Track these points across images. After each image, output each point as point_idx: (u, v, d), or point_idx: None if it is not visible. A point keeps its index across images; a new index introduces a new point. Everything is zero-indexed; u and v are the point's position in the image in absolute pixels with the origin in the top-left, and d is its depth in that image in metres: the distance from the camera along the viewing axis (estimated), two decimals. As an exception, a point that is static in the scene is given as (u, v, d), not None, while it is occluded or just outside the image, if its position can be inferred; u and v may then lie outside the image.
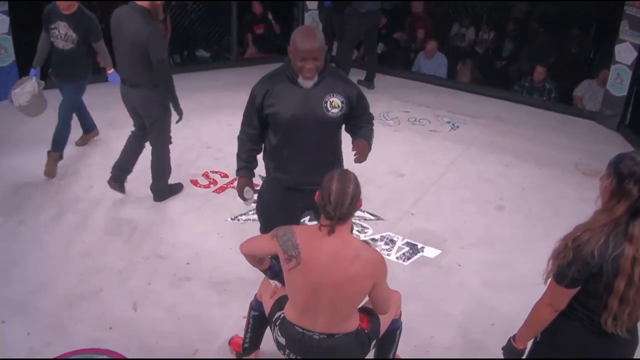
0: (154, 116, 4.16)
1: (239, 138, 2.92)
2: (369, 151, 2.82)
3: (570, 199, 4.89)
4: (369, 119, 2.98)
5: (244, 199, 2.95)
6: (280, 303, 2.50)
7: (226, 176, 4.83)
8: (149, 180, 4.42)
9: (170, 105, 4.12)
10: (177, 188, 4.58)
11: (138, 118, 4.30)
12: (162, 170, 4.40)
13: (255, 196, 2.96)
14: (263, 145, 2.91)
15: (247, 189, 2.93)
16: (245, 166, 2.93)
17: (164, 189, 4.46)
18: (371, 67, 7.22)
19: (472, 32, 8.51)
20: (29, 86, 4.49)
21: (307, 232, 2.28)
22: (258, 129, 2.83)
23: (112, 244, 3.97)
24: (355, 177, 2.26)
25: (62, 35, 4.46)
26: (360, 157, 2.84)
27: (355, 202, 2.22)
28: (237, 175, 2.97)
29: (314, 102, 2.71)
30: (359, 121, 2.91)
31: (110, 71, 4.72)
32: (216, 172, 4.92)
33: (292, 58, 2.66)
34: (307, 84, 2.69)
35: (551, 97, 7.22)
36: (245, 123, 2.87)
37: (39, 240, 3.95)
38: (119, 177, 4.38)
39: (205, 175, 4.87)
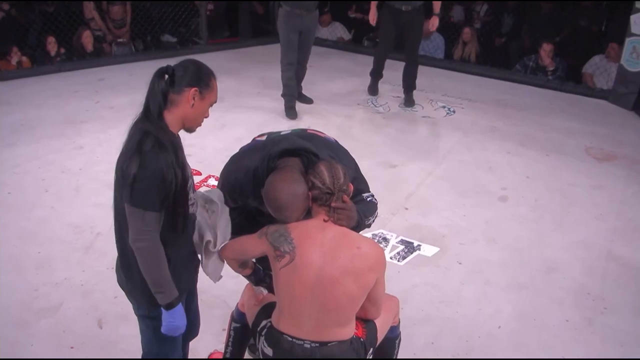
0: None
1: None
2: (356, 219, 2.40)
3: (581, 188, 4.94)
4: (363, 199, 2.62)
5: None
6: (267, 310, 2.50)
7: (199, 173, 4.83)
8: (110, 181, 4.40)
9: None
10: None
11: None
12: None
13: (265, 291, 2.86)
14: None
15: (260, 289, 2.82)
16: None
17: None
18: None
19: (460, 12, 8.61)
20: None
21: (302, 227, 2.30)
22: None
23: (71, 254, 3.94)
24: None
25: None
26: (344, 220, 2.38)
27: (347, 177, 2.33)
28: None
29: None
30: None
31: None
32: (187, 170, 4.89)
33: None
34: None
35: (557, 76, 7.26)
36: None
37: (-13, 252, 3.92)
38: None
39: (175, 173, 4.83)
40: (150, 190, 2.08)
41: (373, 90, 6.86)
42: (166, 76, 2.17)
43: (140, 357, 2.51)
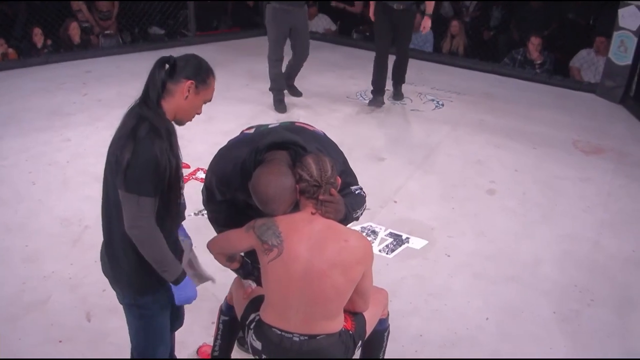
0: None
1: None
2: (343, 212, 2.39)
3: (569, 180, 4.98)
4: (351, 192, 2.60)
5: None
6: (255, 304, 2.50)
7: (187, 166, 4.81)
8: (99, 173, 4.38)
9: None
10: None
11: None
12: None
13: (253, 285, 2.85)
14: None
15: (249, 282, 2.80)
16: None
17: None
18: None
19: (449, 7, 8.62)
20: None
21: (290, 220, 2.30)
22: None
23: (59, 247, 3.93)
24: None
25: None
26: (332, 212, 2.37)
27: (335, 170, 2.33)
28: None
29: None
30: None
31: None
32: (175, 163, 4.88)
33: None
34: None
35: (545, 69, 7.30)
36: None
37: (-26, 246, 3.90)
38: None
39: (163, 166, 4.82)
40: (145, 176, 2.09)
41: (377, 102, 6.38)
42: (167, 66, 2.19)
43: (129, 349, 2.51)
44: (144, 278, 2.28)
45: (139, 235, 2.16)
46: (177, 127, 2.28)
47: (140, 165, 2.08)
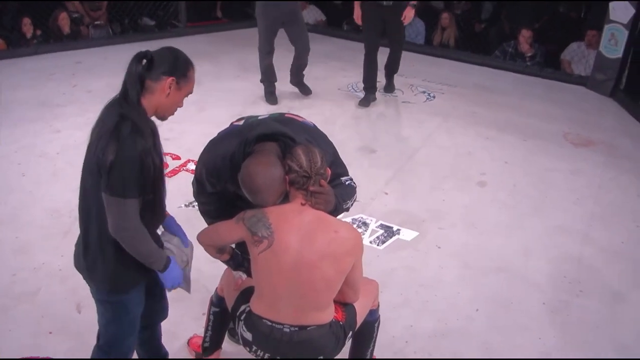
0: None
1: None
2: (333, 203, 2.38)
3: (559, 172, 5.01)
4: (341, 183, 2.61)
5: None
6: (246, 295, 2.51)
7: (178, 158, 4.81)
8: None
9: None
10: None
11: None
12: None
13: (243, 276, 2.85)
14: None
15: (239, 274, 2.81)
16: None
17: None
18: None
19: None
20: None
21: (280, 211, 2.30)
22: None
23: (49, 238, 3.92)
24: None
25: None
26: (322, 204, 2.36)
27: (324, 161, 2.33)
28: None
29: None
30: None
31: None
32: (166, 154, 4.79)
33: None
34: None
35: (536, 62, 7.32)
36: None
37: (-37, 238, 3.88)
38: None
39: (154, 158, 4.81)
40: (129, 178, 2.06)
41: (366, 102, 6.29)
42: (144, 61, 2.14)
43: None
44: (120, 278, 2.28)
45: (126, 238, 2.15)
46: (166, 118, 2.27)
47: (125, 167, 2.04)
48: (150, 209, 2.21)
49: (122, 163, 2.04)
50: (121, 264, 2.23)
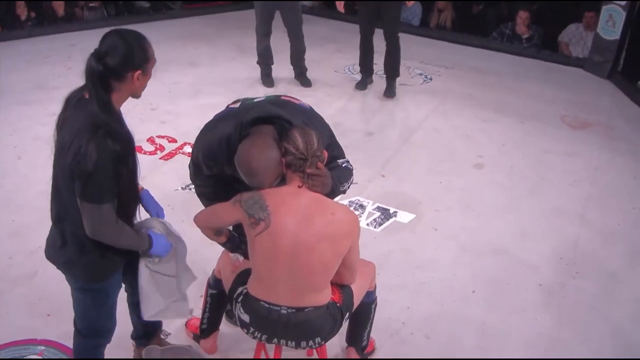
0: None
1: None
2: (330, 185, 2.37)
3: (556, 154, 5.01)
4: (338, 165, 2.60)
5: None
6: (243, 277, 2.51)
7: (174, 141, 4.79)
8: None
9: None
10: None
11: None
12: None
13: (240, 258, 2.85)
14: None
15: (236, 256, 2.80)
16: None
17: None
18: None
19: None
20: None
21: (277, 193, 2.29)
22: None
23: (45, 222, 3.88)
24: None
25: None
26: (319, 186, 2.35)
27: (321, 143, 2.32)
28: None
29: None
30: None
31: None
32: (163, 137, 4.87)
33: None
34: None
35: (533, 44, 7.30)
36: None
37: (-40, 221, 3.88)
38: None
39: (151, 140, 4.81)
40: (105, 184, 2.05)
41: (362, 85, 6.23)
42: (102, 63, 2.11)
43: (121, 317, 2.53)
44: (101, 267, 2.28)
45: (105, 239, 2.16)
46: (163, 102, 2.26)
47: (101, 175, 2.02)
48: (124, 202, 2.21)
49: (98, 172, 2.01)
50: (100, 256, 2.24)
